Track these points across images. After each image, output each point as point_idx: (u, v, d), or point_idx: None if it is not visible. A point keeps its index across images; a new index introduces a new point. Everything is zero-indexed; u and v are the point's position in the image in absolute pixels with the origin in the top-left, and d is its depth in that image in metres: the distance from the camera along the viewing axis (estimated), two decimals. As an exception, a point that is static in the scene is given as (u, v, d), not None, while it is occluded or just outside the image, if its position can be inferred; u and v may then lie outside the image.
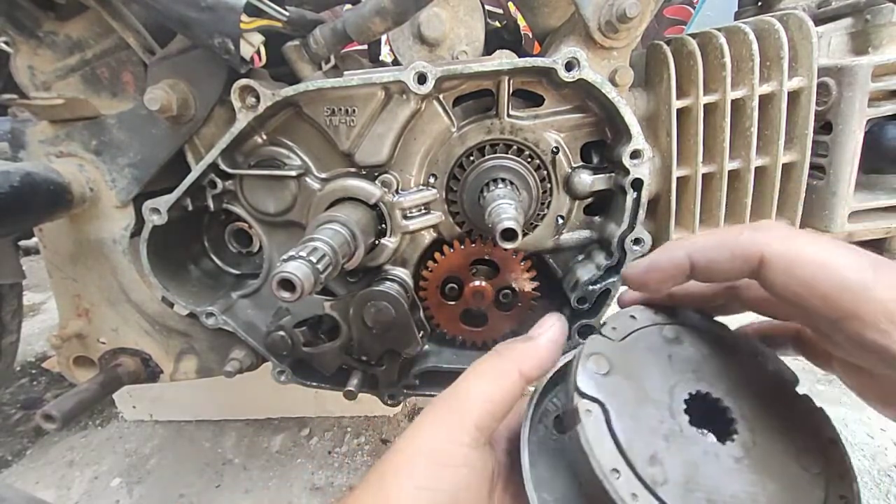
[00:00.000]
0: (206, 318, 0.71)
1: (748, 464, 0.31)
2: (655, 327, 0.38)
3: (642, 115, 0.66)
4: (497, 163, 0.64)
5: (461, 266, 0.67)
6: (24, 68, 0.69)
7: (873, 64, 0.59)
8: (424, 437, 0.35)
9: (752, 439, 0.32)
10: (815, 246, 0.28)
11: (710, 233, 0.34)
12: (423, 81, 0.58)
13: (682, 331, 0.38)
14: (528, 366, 0.37)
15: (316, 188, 0.67)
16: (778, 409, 0.34)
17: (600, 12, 0.58)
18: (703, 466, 0.31)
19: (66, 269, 0.77)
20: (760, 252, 0.29)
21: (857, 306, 0.26)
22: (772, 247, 0.29)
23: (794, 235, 0.29)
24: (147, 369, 0.82)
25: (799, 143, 0.61)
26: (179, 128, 0.67)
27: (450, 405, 0.36)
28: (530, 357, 0.38)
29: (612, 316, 0.40)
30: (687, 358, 0.37)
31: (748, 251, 0.30)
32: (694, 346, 0.38)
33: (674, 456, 0.31)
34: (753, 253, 0.30)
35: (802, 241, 0.29)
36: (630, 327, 0.38)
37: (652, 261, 0.35)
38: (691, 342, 0.38)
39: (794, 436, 0.33)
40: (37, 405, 1.54)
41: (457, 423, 0.34)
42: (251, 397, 1.42)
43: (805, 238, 0.29)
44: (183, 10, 0.56)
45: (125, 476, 1.29)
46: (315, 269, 0.47)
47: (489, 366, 0.38)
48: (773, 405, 0.34)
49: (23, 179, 0.61)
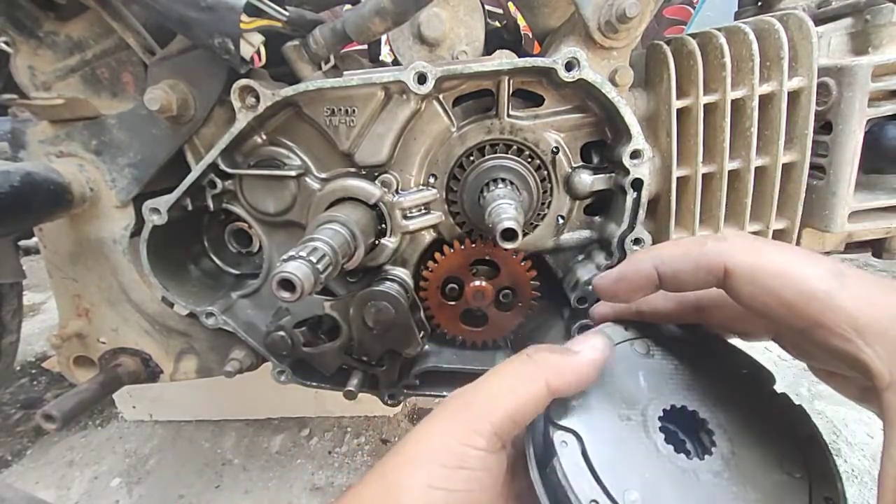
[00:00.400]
0: (206, 318, 0.71)
1: (728, 476, 0.31)
2: (626, 343, 0.38)
3: (642, 115, 0.66)
4: (497, 163, 0.64)
5: (461, 266, 0.67)
6: (24, 68, 0.69)
7: (873, 64, 0.59)
8: (439, 434, 0.32)
9: (731, 449, 0.32)
10: (779, 255, 0.28)
11: (676, 243, 0.34)
12: (423, 81, 0.58)
13: (653, 344, 0.38)
14: (558, 380, 0.33)
15: (316, 188, 0.67)
16: (756, 412, 0.34)
17: (600, 12, 0.58)
18: (683, 487, 0.31)
19: (66, 269, 0.77)
20: (724, 263, 0.29)
21: (823, 315, 0.26)
22: (735, 257, 0.29)
23: (759, 245, 0.30)
24: (147, 369, 0.82)
25: (799, 143, 0.61)
26: (179, 128, 0.67)
27: (468, 404, 0.33)
28: (563, 371, 0.34)
29: (581, 337, 0.39)
30: (660, 371, 0.36)
31: (713, 262, 0.30)
32: (666, 357, 0.37)
33: (653, 480, 0.31)
34: (717, 264, 0.30)
35: (767, 251, 0.29)
36: None
37: (620, 272, 0.36)
38: (663, 354, 0.38)
39: (774, 439, 0.33)
40: (37, 405, 1.54)
41: (474, 425, 0.32)
42: (251, 397, 1.42)
43: (769, 248, 0.29)
44: (183, 10, 0.56)
45: (125, 476, 1.29)
46: (315, 269, 0.47)
47: (516, 369, 0.34)
48: (751, 409, 0.34)
49: (23, 179, 0.61)
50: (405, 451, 0.33)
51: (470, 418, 0.32)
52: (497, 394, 0.33)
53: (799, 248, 0.31)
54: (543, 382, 0.33)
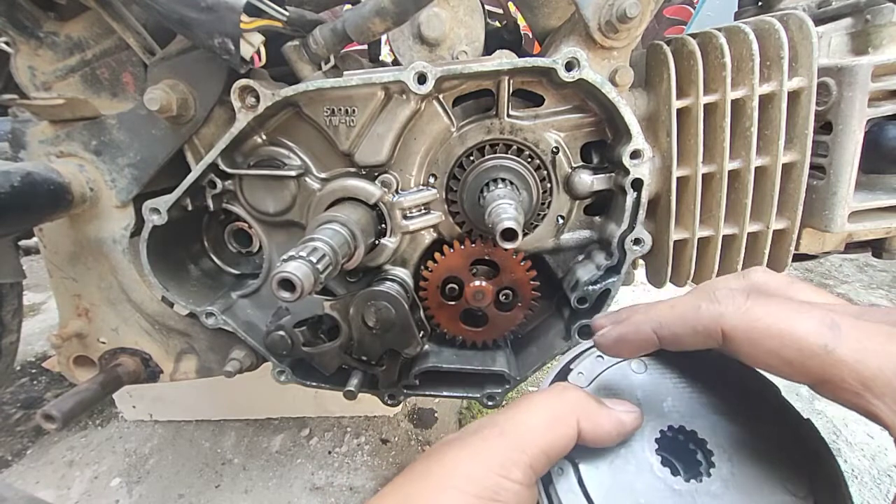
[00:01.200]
0: (205, 318, 0.71)
1: (728, 499, 0.30)
2: (624, 363, 0.38)
3: (642, 115, 0.66)
4: (497, 163, 0.64)
5: (461, 266, 0.67)
6: (24, 68, 0.69)
7: (873, 64, 0.59)
8: (471, 461, 0.30)
9: (731, 470, 0.31)
10: (771, 316, 0.28)
11: (672, 305, 0.33)
12: (423, 81, 0.58)
13: (650, 361, 0.37)
14: (586, 426, 0.32)
15: (316, 188, 0.67)
16: (759, 428, 0.33)
17: (600, 12, 0.58)
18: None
19: (66, 269, 0.77)
20: (720, 327, 0.29)
21: (825, 371, 0.25)
22: (730, 322, 0.29)
23: (750, 305, 0.29)
24: (147, 369, 0.82)
25: (799, 143, 0.61)
26: (179, 128, 0.67)
27: (503, 433, 0.32)
28: (594, 421, 0.33)
29: (579, 359, 0.39)
30: (656, 391, 0.36)
31: (709, 327, 0.30)
32: (663, 373, 0.37)
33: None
34: (714, 329, 0.29)
35: (758, 311, 0.28)
36: (597, 370, 0.38)
37: (620, 334, 0.35)
38: (661, 372, 0.37)
39: (778, 457, 0.32)
40: (37, 405, 1.54)
41: (512, 456, 0.30)
42: (251, 397, 1.42)
43: (761, 306, 0.28)
44: (183, 10, 0.55)
45: (125, 476, 1.29)
46: (315, 269, 0.47)
47: (549, 406, 0.33)
48: (753, 425, 0.33)
49: (23, 179, 0.61)
50: (433, 474, 0.31)
51: (506, 448, 0.31)
52: (534, 426, 0.32)
53: (790, 300, 0.30)
54: (575, 425, 0.32)
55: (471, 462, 0.30)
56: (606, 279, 0.65)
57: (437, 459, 0.31)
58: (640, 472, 0.32)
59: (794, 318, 0.27)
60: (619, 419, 0.33)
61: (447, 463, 0.31)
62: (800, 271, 2.44)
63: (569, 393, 0.34)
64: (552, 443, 0.31)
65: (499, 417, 0.33)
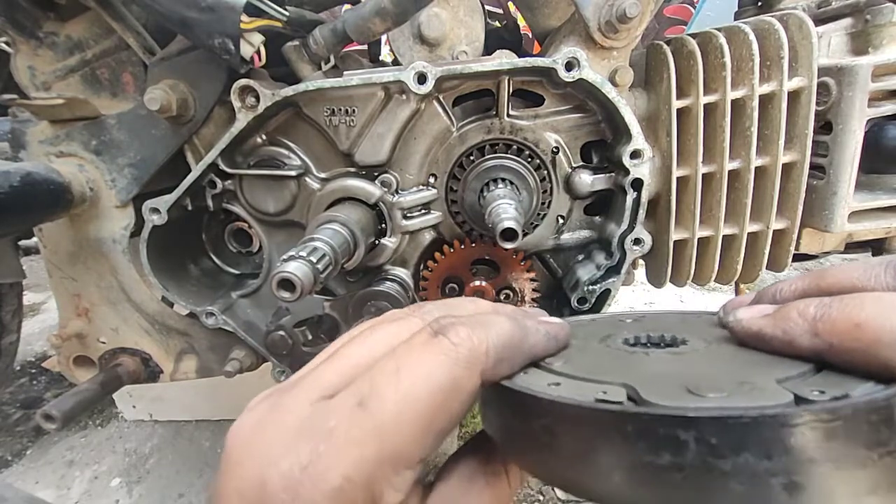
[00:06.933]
0: (206, 318, 0.71)
1: (707, 354, 0.27)
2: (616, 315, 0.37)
3: (642, 115, 0.66)
4: (497, 163, 0.64)
5: (461, 266, 0.67)
6: (24, 68, 0.69)
7: (873, 64, 0.59)
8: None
9: (708, 344, 0.29)
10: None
11: (859, 305, 0.23)
12: (423, 81, 0.58)
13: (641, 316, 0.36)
14: (501, 367, 0.26)
15: (316, 188, 0.67)
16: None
17: (600, 12, 0.58)
18: (624, 359, 0.28)
19: (65, 269, 0.77)
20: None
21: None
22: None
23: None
24: (147, 369, 0.82)
25: (799, 143, 0.61)
26: (179, 128, 0.67)
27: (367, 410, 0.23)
28: (515, 348, 0.27)
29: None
30: (636, 326, 0.33)
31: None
32: (653, 321, 0.35)
33: (588, 356, 0.28)
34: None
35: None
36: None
37: (762, 332, 0.27)
38: (649, 319, 0.35)
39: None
40: (37, 405, 1.54)
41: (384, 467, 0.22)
42: (251, 397, 1.41)
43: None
44: (183, 10, 0.55)
45: (125, 476, 1.29)
46: (315, 268, 0.47)
47: (435, 374, 0.24)
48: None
49: (23, 179, 0.61)
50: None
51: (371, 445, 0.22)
52: (411, 418, 0.22)
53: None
54: (477, 377, 0.24)
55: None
56: (606, 279, 0.65)
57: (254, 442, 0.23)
58: (596, 349, 0.30)
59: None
60: (547, 326, 0.29)
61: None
62: (800, 271, 2.44)
63: (462, 348, 0.24)
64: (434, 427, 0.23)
65: (363, 385, 0.23)
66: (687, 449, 0.18)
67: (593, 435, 0.21)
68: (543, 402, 0.23)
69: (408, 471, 0.23)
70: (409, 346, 0.25)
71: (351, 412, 0.22)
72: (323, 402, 0.24)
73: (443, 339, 0.24)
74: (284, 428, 0.23)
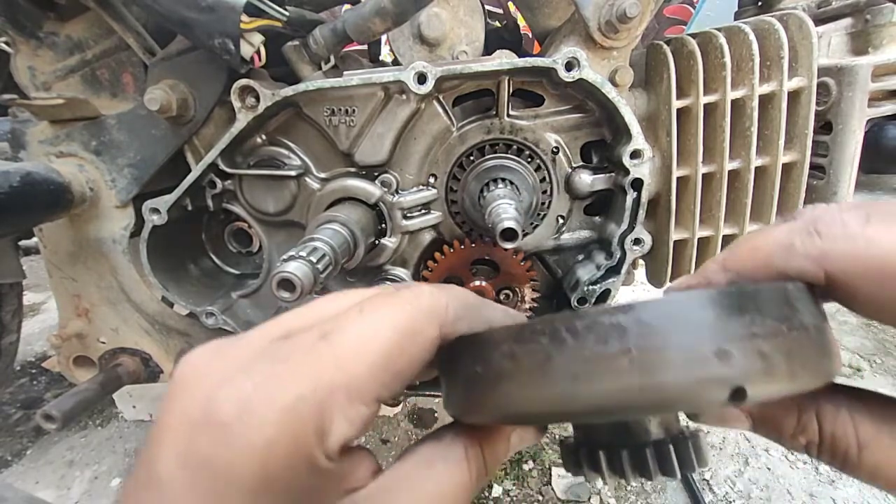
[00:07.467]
0: (205, 318, 0.71)
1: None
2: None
3: (642, 115, 0.66)
4: (497, 163, 0.64)
5: (461, 266, 0.67)
6: (24, 69, 0.69)
7: (873, 64, 0.59)
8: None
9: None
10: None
11: (755, 246, 0.25)
12: (423, 81, 0.58)
13: None
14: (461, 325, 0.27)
15: (316, 188, 0.67)
16: None
17: (600, 12, 0.58)
18: None
19: (65, 269, 0.77)
20: (822, 270, 0.22)
21: None
22: (839, 262, 0.22)
23: (872, 232, 0.22)
24: (147, 369, 0.82)
25: (799, 143, 0.61)
26: (179, 128, 0.67)
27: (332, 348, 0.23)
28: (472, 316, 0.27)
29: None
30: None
31: (807, 272, 0.23)
32: None
33: None
34: (815, 274, 0.23)
35: (886, 239, 0.21)
36: None
37: (689, 286, 0.29)
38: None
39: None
40: (37, 405, 1.54)
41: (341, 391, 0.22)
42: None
43: (888, 231, 0.21)
44: (183, 10, 0.56)
45: (125, 476, 1.29)
46: (315, 268, 0.47)
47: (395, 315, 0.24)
48: None
49: (23, 179, 0.61)
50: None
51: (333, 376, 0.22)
52: (373, 348, 0.23)
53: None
54: (435, 330, 0.25)
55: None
56: (606, 279, 0.65)
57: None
58: None
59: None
60: (507, 308, 0.30)
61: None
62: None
63: (423, 299, 0.25)
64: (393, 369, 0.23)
65: (326, 326, 0.23)
66: (629, 332, 0.20)
67: (549, 341, 0.22)
68: (500, 329, 0.24)
69: (362, 405, 0.22)
70: (373, 298, 0.26)
71: (312, 344, 0.23)
72: (283, 339, 0.24)
73: (406, 291, 0.26)
74: (240, 355, 0.23)
